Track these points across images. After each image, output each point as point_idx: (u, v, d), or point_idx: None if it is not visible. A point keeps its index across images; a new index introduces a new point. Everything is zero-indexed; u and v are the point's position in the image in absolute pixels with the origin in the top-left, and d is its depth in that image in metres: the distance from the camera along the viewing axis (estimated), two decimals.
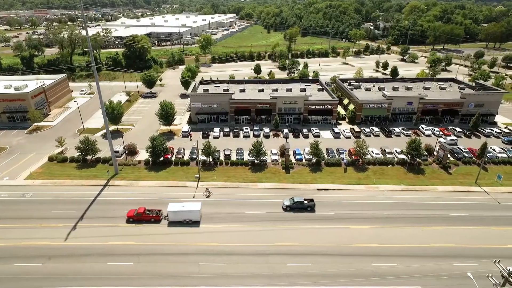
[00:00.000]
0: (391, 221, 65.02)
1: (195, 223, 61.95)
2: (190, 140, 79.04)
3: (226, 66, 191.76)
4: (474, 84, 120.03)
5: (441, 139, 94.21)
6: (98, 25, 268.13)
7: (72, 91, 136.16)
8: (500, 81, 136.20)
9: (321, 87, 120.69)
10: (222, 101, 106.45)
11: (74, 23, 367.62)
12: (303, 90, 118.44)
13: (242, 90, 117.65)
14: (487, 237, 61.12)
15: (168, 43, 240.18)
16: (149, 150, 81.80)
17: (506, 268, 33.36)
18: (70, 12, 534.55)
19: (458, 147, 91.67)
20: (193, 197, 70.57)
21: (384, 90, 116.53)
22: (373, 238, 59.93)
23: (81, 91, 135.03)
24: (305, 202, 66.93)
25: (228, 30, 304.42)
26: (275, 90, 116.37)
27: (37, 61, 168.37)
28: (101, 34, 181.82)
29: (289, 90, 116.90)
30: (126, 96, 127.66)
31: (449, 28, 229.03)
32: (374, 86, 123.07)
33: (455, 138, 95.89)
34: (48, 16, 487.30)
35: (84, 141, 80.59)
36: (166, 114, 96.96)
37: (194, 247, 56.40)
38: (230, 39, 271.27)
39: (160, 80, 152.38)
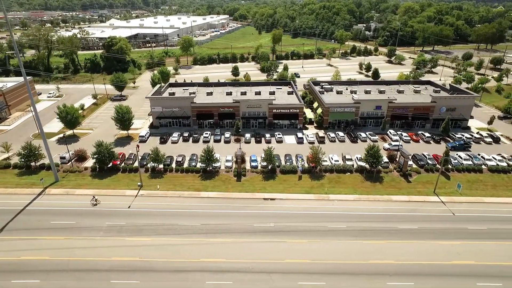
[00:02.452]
0: (332, 234, 61.26)
1: None
2: (138, 151, 75.79)
3: (208, 68, 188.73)
4: (449, 87, 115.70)
5: (385, 145, 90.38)
6: (80, 27, 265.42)
7: (40, 93, 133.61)
8: (479, 83, 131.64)
9: (290, 90, 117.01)
10: (183, 105, 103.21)
11: (67, 24, 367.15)
12: (272, 93, 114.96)
13: (210, 93, 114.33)
14: (432, 253, 57.20)
15: (154, 44, 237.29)
16: (94, 156, 78.56)
17: None
18: (66, 13, 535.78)
19: (423, 154, 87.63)
20: (129, 207, 67.15)
21: (355, 93, 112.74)
22: (307, 253, 56.21)
23: (49, 93, 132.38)
24: None
25: (218, 31, 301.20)
26: (243, 93, 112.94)
27: (13, 62, 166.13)
28: (78, 35, 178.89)
29: (258, 93, 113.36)
30: (93, 99, 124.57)
31: (438, 29, 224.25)
32: (347, 89, 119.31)
33: (399, 143, 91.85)
34: (45, 17, 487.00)
35: (27, 147, 77.47)
36: (122, 119, 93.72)
37: (109, 262, 52.98)
38: (218, 40, 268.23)
39: (134, 82, 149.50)
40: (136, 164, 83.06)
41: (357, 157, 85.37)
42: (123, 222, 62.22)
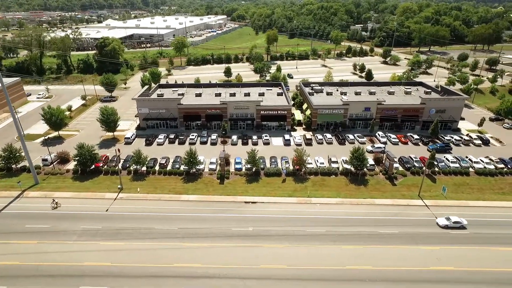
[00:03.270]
0: (311, 238, 60.30)
1: None
2: (119, 154, 75.03)
3: (201, 68, 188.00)
4: (439, 89, 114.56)
5: (368, 147, 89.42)
6: (76, 27, 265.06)
7: (30, 94, 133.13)
8: (471, 85, 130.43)
9: (280, 92, 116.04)
10: (170, 107, 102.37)
11: (64, 24, 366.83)
12: (261, 94, 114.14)
13: (199, 95, 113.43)
14: (411, 258, 56.15)
15: (148, 45, 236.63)
16: (76, 158, 77.76)
17: None
18: (65, 14, 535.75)
19: (410, 156, 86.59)
20: (107, 210, 66.30)
21: (345, 94, 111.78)
22: (284, 258, 55.25)
23: (38, 95, 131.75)
24: None
25: (214, 31, 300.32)
26: (233, 95, 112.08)
27: (6, 63, 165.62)
28: (71, 36, 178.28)
29: (247, 94, 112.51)
30: (82, 100, 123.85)
31: (434, 30, 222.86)
32: (337, 90, 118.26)
33: (382, 145, 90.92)
34: (44, 17, 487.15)
35: (7, 149, 76.72)
36: (107, 120, 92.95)
37: (81, 267, 52.14)
38: (214, 41, 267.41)
39: (125, 83, 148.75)
40: (119, 166, 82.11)
41: (343, 160, 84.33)
42: (99, 226, 61.37)
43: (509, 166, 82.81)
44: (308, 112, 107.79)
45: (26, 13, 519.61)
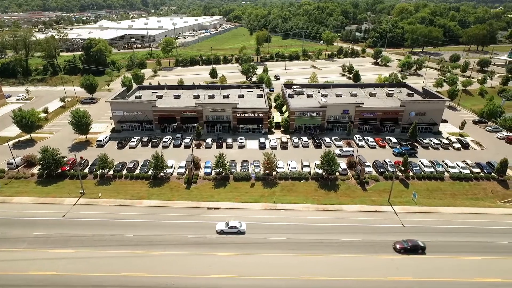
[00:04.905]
0: (269, 246, 58.49)
1: None
2: (83, 161, 73.63)
3: (190, 70, 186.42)
4: (422, 91, 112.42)
5: (337, 151, 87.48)
6: (65, 28, 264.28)
7: (10, 96, 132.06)
8: (457, 86, 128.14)
9: (260, 94, 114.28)
10: (145, 109, 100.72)
11: (60, 25, 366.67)
12: (241, 96, 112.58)
13: (177, 97, 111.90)
14: (369, 267, 54.23)
15: (139, 46, 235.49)
16: (40, 162, 76.30)
17: None
18: (64, 14, 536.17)
19: (384, 160, 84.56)
20: (63, 216, 64.72)
21: (326, 96, 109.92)
22: (236, 267, 53.47)
23: (18, 96, 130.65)
24: None
25: (208, 32, 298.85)
26: (211, 97, 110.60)
27: None
28: (56, 37, 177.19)
29: (226, 96, 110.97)
30: (61, 102, 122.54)
31: (427, 31, 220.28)
32: (319, 92, 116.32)
33: (351, 149, 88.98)
34: (42, 18, 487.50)
35: None
36: (78, 123, 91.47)
37: (25, 276, 50.54)
38: (206, 41, 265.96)
39: (108, 85, 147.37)
40: (85, 170, 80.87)
41: (316, 164, 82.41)
42: (52, 233, 59.82)
43: (485, 170, 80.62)
44: (286, 114, 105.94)
45: (25, 14, 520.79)
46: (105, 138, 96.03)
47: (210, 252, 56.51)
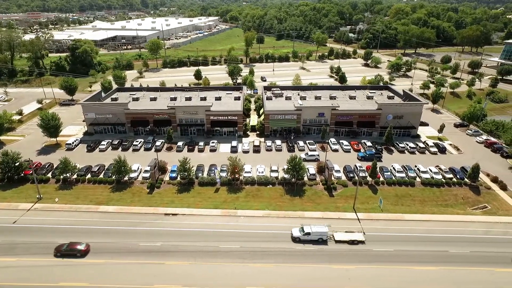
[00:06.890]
0: (220, 255, 56.68)
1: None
2: (37, 167, 72.19)
3: (177, 71, 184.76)
4: (402, 93, 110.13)
5: (302, 155, 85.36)
6: (61, 29, 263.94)
7: None
8: (440, 89, 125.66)
9: (238, 96, 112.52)
10: (117, 111, 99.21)
11: (56, 26, 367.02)
12: (218, 98, 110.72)
13: (153, 99, 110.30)
14: (321, 278, 52.39)
15: (129, 47, 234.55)
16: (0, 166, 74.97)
17: None
18: (63, 15, 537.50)
19: (355, 165, 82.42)
20: (14, 222, 63.20)
21: (305, 99, 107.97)
22: (182, 277, 51.85)
23: None
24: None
25: (202, 33, 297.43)
26: (188, 99, 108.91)
27: None
28: (41, 38, 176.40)
29: (203, 98, 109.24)
30: (38, 104, 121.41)
31: (419, 32, 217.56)
32: (298, 94, 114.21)
33: (316, 153, 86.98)
34: (41, 18, 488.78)
35: None
36: (46, 126, 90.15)
37: None
38: (199, 42, 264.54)
39: (90, 86, 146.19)
40: (49, 174, 79.47)
41: (283, 169, 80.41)
42: None
43: (458, 176, 78.32)
44: (262, 117, 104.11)
45: (24, 15, 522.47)
46: (75, 141, 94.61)
47: (158, 261, 54.79)
